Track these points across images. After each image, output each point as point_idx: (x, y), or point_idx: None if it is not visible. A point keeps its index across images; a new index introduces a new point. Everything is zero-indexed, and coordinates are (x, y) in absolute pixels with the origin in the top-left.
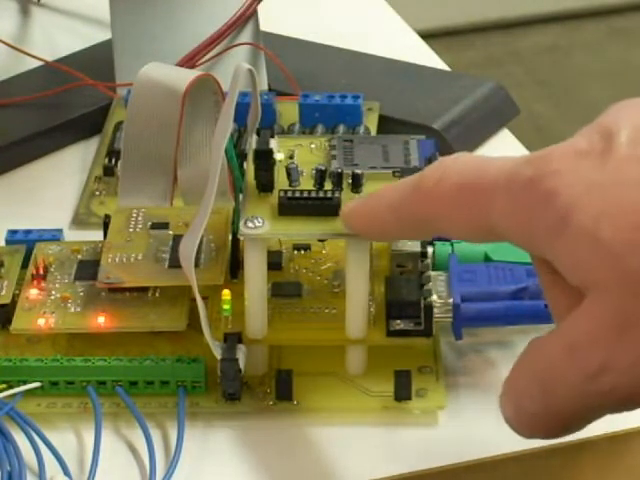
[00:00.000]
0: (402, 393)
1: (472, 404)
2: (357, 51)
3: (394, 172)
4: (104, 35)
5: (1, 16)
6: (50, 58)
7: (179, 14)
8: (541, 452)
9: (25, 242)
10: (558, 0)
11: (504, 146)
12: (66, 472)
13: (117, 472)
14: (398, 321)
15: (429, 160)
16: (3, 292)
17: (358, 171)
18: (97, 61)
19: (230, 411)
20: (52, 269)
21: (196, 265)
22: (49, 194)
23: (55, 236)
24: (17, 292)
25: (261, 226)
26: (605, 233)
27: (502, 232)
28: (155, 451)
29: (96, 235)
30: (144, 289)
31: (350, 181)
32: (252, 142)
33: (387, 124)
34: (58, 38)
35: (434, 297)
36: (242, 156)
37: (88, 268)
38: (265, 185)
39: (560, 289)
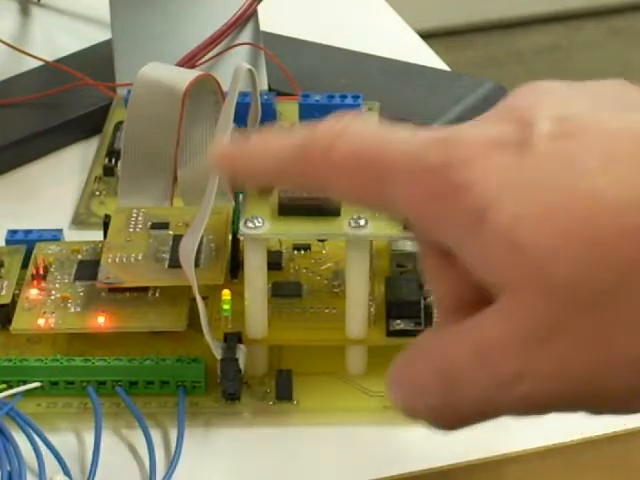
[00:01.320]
0: None
1: None
2: (357, 51)
3: None
4: (104, 35)
5: (1, 16)
6: (50, 58)
7: (179, 14)
8: (541, 452)
9: (25, 242)
10: (558, 0)
11: None
12: (66, 472)
13: (117, 472)
14: (398, 321)
15: None
16: (3, 292)
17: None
18: (97, 61)
19: (230, 411)
20: (52, 269)
21: (196, 265)
22: (49, 194)
23: (55, 236)
24: (17, 292)
25: (261, 226)
26: (525, 237)
27: (397, 210)
28: (155, 451)
29: (96, 235)
30: (144, 289)
31: None
32: None
33: None
34: (58, 38)
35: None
36: None
37: (88, 268)
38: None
39: (457, 280)
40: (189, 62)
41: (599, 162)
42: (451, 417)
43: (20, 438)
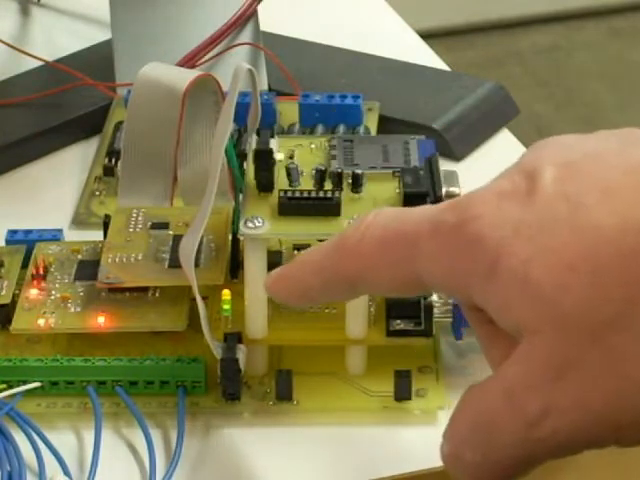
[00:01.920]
0: (402, 393)
1: None
2: (357, 51)
3: (394, 172)
4: (104, 35)
5: (1, 16)
6: (50, 58)
7: (179, 14)
8: None
9: (25, 242)
10: (558, 0)
11: (504, 146)
12: (66, 472)
13: (117, 472)
14: (398, 321)
15: (429, 160)
16: (3, 292)
17: (358, 171)
18: (97, 61)
19: (230, 411)
20: (52, 269)
21: (196, 265)
22: (49, 194)
23: (55, 236)
24: (17, 292)
25: (261, 226)
26: (535, 275)
27: (429, 281)
28: (155, 451)
29: (96, 235)
30: (144, 289)
31: (350, 181)
32: (252, 142)
33: (387, 124)
34: (58, 38)
35: (434, 297)
36: (242, 156)
37: (88, 268)
38: (265, 185)
39: (494, 337)
40: (189, 62)
41: (597, 197)
42: (495, 473)
43: (20, 438)
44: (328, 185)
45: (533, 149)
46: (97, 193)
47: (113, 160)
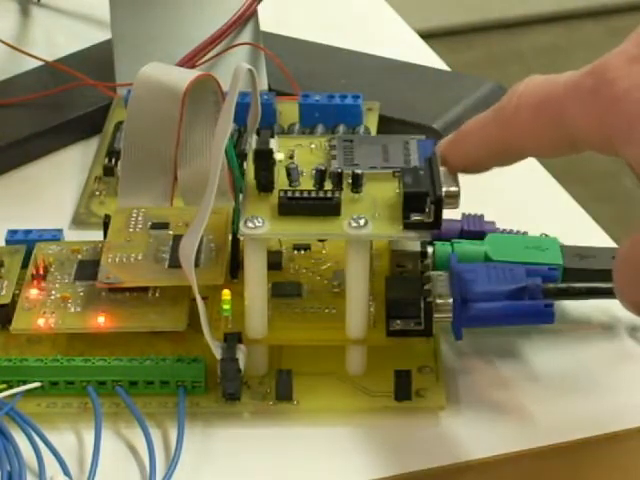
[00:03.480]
0: (402, 393)
1: (472, 404)
2: (357, 51)
3: (394, 172)
4: (104, 35)
5: (1, 16)
6: (50, 58)
7: (179, 14)
8: (541, 452)
9: (25, 242)
10: (558, 0)
11: None
12: (66, 472)
13: (117, 472)
14: (398, 321)
15: (429, 160)
16: (3, 292)
17: (358, 171)
18: (97, 61)
19: (230, 411)
20: (52, 269)
21: (196, 265)
22: (49, 194)
23: (55, 236)
24: (17, 292)
25: (261, 226)
26: None
27: (580, 140)
28: (155, 451)
29: (96, 235)
30: (144, 289)
31: (350, 181)
32: (252, 142)
33: (387, 124)
34: (58, 38)
35: (434, 297)
36: (242, 156)
37: (88, 268)
38: (265, 185)
39: None
40: (189, 62)
41: None
42: None
43: (20, 438)
44: (328, 185)
45: None
46: (97, 193)
47: (113, 160)
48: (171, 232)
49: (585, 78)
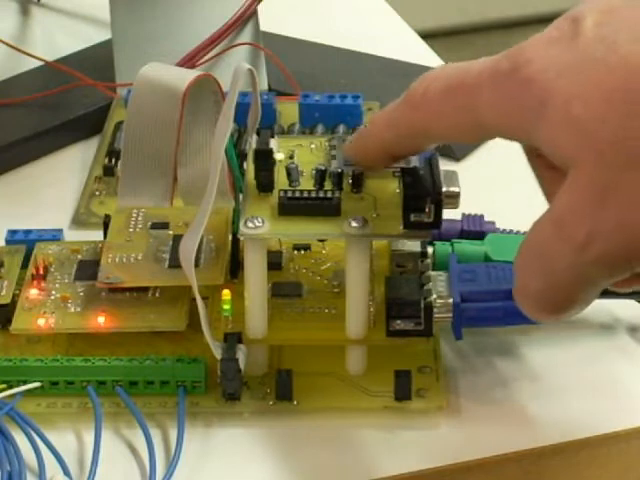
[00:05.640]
0: (402, 393)
1: (472, 404)
2: (357, 51)
3: (394, 172)
4: (104, 35)
5: (1, 16)
6: (50, 58)
7: (179, 14)
8: (541, 452)
9: (25, 242)
10: (558, 0)
11: (504, 146)
12: (66, 472)
13: (117, 472)
14: (398, 321)
15: (429, 160)
16: (3, 292)
17: (358, 171)
18: (97, 61)
19: (230, 411)
20: (52, 269)
21: (196, 265)
22: (49, 194)
23: (55, 236)
24: (17, 292)
25: (261, 226)
26: (576, 111)
27: (490, 125)
28: (155, 451)
29: (96, 235)
30: (144, 289)
31: (350, 181)
32: (252, 142)
33: None
34: (58, 38)
35: (434, 297)
36: (242, 156)
37: (88, 268)
38: (265, 185)
39: (548, 173)
40: (189, 62)
41: (630, 36)
42: (557, 297)
43: (20, 438)
44: (328, 185)
45: (581, 1)
46: (97, 193)
47: (113, 160)
48: (171, 232)
49: (501, 61)
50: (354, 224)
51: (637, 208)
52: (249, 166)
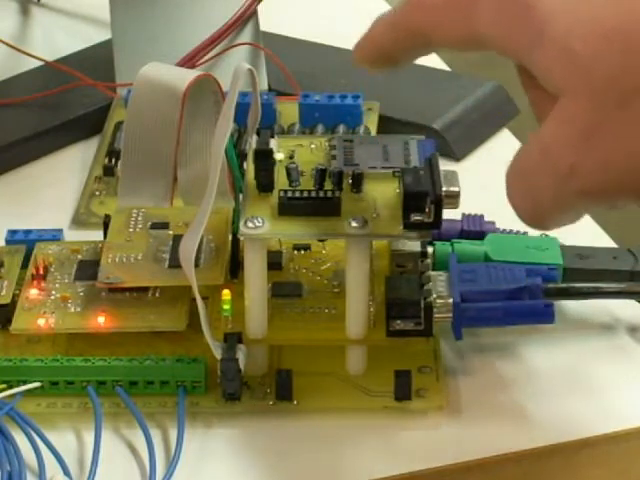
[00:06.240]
0: (402, 393)
1: (472, 404)
2: None
3: (394, 172)
4: (104, 35)
5: (1, 16)
6: (50, 58)
7: (179, 14)
8: (541, 452)
9: (25, 242)
10: None
11: (504, 146)
12: (66, 472)
13: (117, 472)
14: (398, 321)
15: (429, 160)
16: (3, 292)
17: (358, 171)
18: (97, 61)
19: (230, 411)
20: (52, 269)
21: (196, 265)
22: (49, 194)
23: (55, 236)
24: (17, 292)
25: (261, 226)
26: (575, 44)
27: (487, 40)
28: (155, 451)
29: (96, 235)
30: (144, 289)
31: (350, 181)
32: (252, 142)
33: (387, 124)
34: (58, 38)
35: (434, 297)
36: (242, 156)
37: (88, 268)
38: (265, 185)
39: (542, 101)
40: (189, 62)
41: None
42: (544, 216)
43: (20, 438)
44: (328, 185)
45: None
46: (97, 193)
47: (113, 160)
48: (171, 232)
49: None
50: (354, 224)
51: (622, 147)
52: (249, 166)
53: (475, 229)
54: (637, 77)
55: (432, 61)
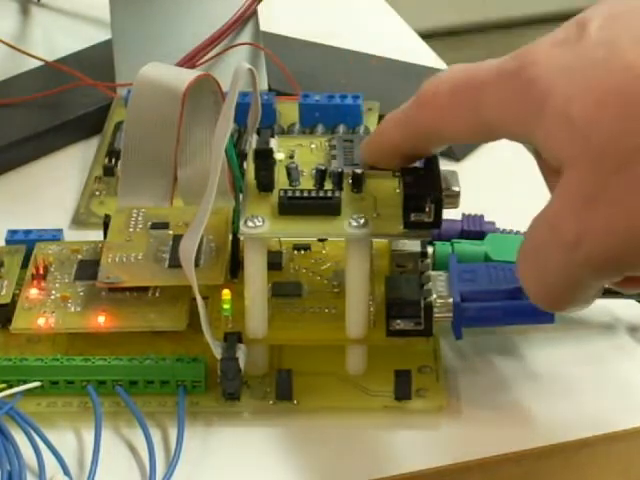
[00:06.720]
0: (402, 393)
1: (472, 404)
2: (357, 51)
3: (394, 172)
4: (104, 35)
5: (1, 16)
6: (50, 58)
7: (179, 14)
8: (541, 452)
9: (25, 242)
10: (558, 0)
11: (504, 146)
12: (66, 472)
13: (117, 472)
14: (398, 321)
15: (429, 160)
16: (3, 292)
17: (358, 171)
18: (97, 61)
19: (230, 411)
20: (52, 269)
21: (196, 265)
22: (49, 194)
23: (55, 236)
24: (17, 292)
25: (261, 226)
26: (572, 112)
27: (495, 124)
28: (155, 451)
29: (96, 235)
30: (144, 289)
31: (350, 181)
32: (252, 142)
33: None
34: (58, 38)
35: (434, 297)
36: (242, 156)
37: (88, 268)
38: (265, 185)
39: (551, 174)
40: (189, 62)
41: (631, 42)
42: (549, 296)
43: (20, 438)
44: (328, 185)
45: (595, 5)
46: (97, 193)
47: (113, 160)
48: (171, 232)
49: (507, 61)
50: (354, 224)
51: (623, 210)
52: (249, 166)
53: (475, 229)
54: (633, 141)
55: (432, 61)
